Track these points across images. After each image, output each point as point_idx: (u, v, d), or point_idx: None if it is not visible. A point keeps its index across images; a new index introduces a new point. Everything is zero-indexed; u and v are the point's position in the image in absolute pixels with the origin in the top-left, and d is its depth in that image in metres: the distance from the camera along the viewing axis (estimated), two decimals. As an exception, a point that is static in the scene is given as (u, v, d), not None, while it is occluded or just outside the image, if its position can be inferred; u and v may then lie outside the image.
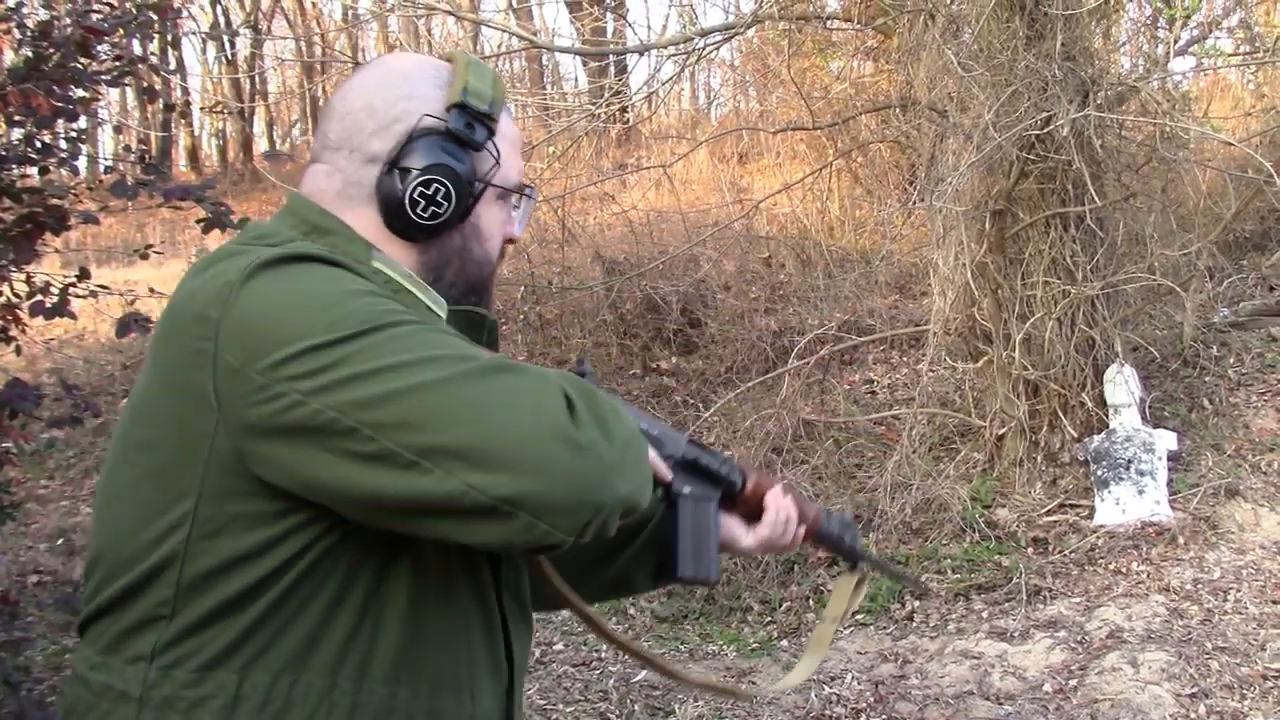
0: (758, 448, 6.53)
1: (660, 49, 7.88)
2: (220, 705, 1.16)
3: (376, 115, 1.32)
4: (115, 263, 10.49)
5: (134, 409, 1.25)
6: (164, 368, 1.20)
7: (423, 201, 1.30)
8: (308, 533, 1.17)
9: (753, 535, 1.65)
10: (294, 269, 1.17)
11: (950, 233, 5.97)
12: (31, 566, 6.23)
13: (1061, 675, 4.34)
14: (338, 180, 1.33)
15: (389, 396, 1.09)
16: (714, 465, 1.60)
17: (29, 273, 3.47)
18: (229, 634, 1.16)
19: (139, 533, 1.19)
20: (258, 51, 15.84)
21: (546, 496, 1.09)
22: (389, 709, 1.22)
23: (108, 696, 1.18)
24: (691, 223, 9.44)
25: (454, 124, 1.32)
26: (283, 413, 1.11)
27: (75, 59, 3.27)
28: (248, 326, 1.13)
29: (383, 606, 1.21)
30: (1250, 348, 6.69)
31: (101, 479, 1.29)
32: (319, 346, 1.10)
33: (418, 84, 1.34)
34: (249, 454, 1.14)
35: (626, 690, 4.58)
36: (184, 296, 1.21)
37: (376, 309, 1.15)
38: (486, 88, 1.35)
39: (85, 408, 3.62)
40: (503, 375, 1.13)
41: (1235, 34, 7.68)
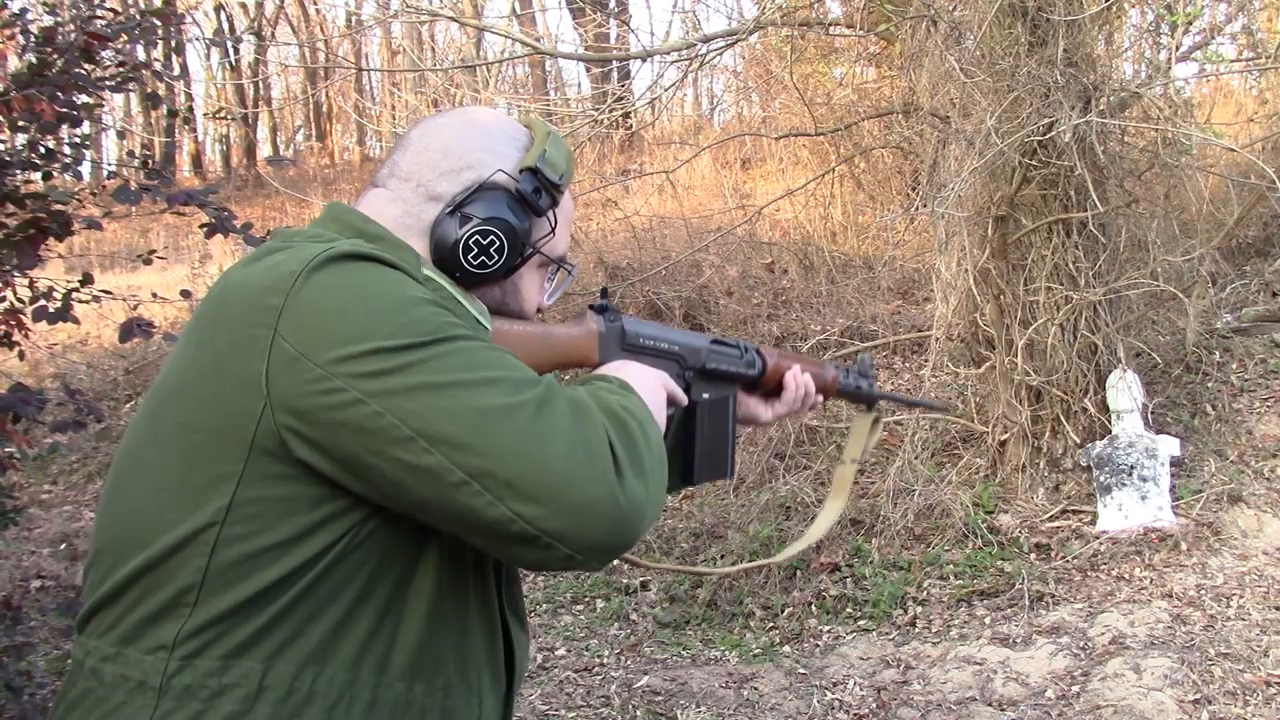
0: (760, 453, 6.54)
1: (663, 55, 7.88)
2: (243, 695, 1.16)
3: (451, 158, 1.37)
4: (118, 268, 10.53)
5: (168, 391, 1.25)
6: (211, 351, 1.20)
7: (475, 249, 1.35)
8: (344, 520, 1.19)
9: (771, 411, 1.86)
10: (360, 267, 1.20)
11: (953, 238, 5.97)
12: (34, 571, 6.23)
13: (1064, 681, 4.33)
14: (398, 208, 1.37)
15: (450, 413, 1.13)
16: (732, 368, 1.73)
17: (32, 278, 3.48)
18: (256, 623, 1.17)
19: (163, 514, 1.19)
20: (261, 57, 15.89)
21: (587, 535, 1.15)
22: (406, 704, 1.24)
23: (123, 687, 1.18)
24: (694, 228, 9.45)
25: (524, 185, 1.38)
26: (341, 408, 1.13)
27: (79, 65, 3.27)
28: (312, 317, 1.15)
29: (406, 602, 1.23)
30: (1253, 353, 6.68)
31: (118, 464, 1.28)
32: (386, 350, 1.13)
33: (498, 140, 1.40)
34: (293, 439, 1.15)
35: (628, 695, 4.58)
36: (236, 285, 1.22)
37: (440, 320, 1.18)
38: (561, 161, 1.42)
39: (88, 412, 3.62)
40: (558, 409, 1.17)
41: (1238, 40, 7.68)
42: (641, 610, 5.61)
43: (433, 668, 1.25)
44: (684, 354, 1.65)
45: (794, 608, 5.39)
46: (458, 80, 8.50)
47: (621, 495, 1.16)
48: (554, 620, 5.62)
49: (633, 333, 1.59)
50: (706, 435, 1.71)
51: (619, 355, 1.56)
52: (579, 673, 4.93)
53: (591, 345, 1.54)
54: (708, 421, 1.71)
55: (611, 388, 1.35)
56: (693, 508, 6.47)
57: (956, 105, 5.87)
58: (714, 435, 1.72)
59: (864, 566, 5.54)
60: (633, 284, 8.37)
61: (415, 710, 1.24)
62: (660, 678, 4.73)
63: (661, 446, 1.29)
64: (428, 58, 10.23)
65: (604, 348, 1.55)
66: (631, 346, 1.58)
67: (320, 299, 1.16)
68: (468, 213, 1.35)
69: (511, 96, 10.59)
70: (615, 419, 1.23)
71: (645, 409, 1.31)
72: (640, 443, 1.23)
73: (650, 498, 1.21)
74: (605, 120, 8.07)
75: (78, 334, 9.63)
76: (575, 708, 4.54)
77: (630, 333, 1.58)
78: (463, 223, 1.34)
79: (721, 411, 1.73)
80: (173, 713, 1.15)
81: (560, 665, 5.03)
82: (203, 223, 3.51)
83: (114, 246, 11.48)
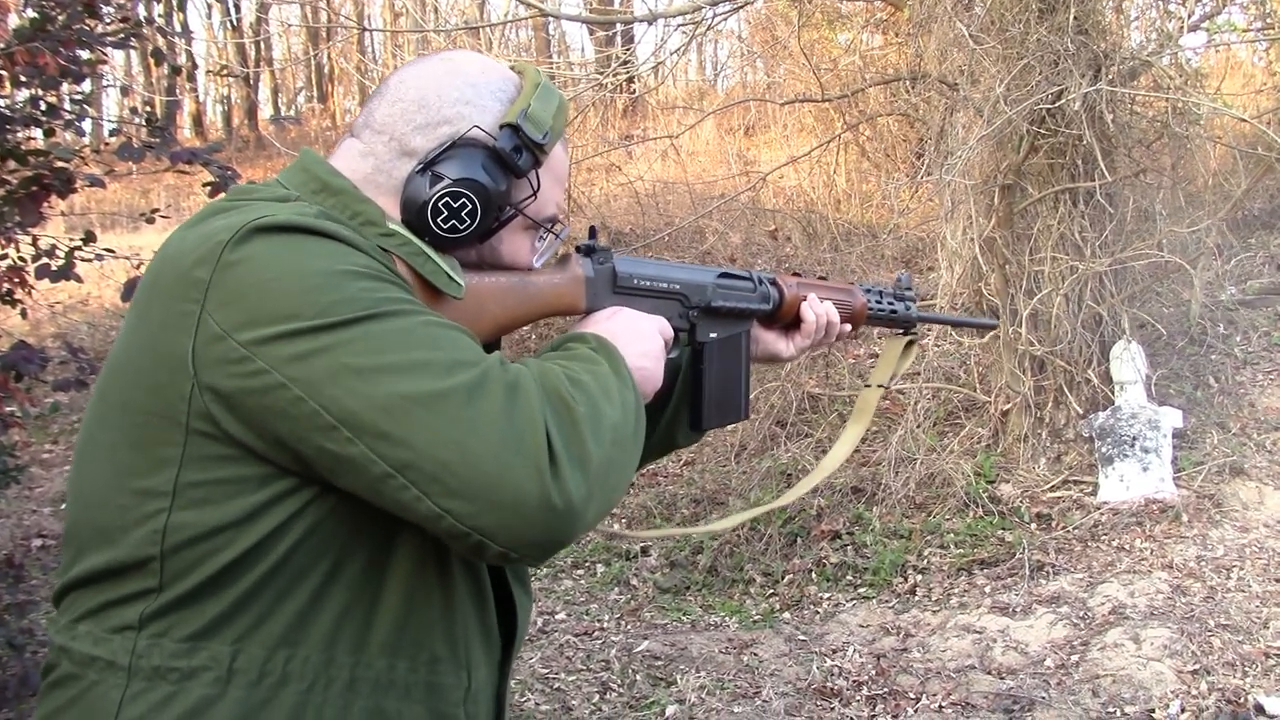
0: (762, 420, 6.54)
1: (668, 18, 7.81)
2: (214, 678, 1.13)
3: (427, 111, 1.28)
4: (120, 228, 10.49)
5: (113, 367, 1.20)
6: (146, 326, 1.15)
7: (445, 212, 1.25)
8: (295, 499, 1.14)
9: (793, 345, 1.72)
10: (290, 239, 1.12)
11: (959, 207, 5.94)
12: (35, 530, 6.24)
13: (1063, 650, 4.34)
14: (369, 163, 1.29)
15: (373, 400, 1.06)
16: (743, 303, 1.60)
17: (34, 235, 3.46)
18: (221, 605, 1.13)
19: (116, 499, 1.15)
20: (263, 16, 15.77)
21: (518, 534, 1.08)
22: (388, 682, 1.20)
23: (94, 667, 1.15)
24: (698, 194, 9.42)
25: (501, 144, 1.28)
26: (264, 391, 1.08)
27: (81, 20, 3.24)
28: (236, 293, 1.09)
29: (382, 578, 1.19)
30: (1258, 326, 6.67)
31: (79, 440, 1.24)
32: (310, 330, 1.07)
33: (480, 92, 1.30)
34: (224, 419, 1.10)
35: (628, 660, 4.59)
36: (173, 253, 1.16)
37: (374, 295, 1.11)
38: (548, 116, 1.31)
39: (90, 371, 3.61)
40: (490, 396, 1.09)
41: (1248, 9, 7.61)
42: (642, 575, 5.62)
43: (415, 644, 1.21)
44: (687, 292, 1.53)
45: (794, 574, 5.40)
46: (461, 42, 8.42)
47: (555, 492, 1.08)
48: (554, 585, 5.63)
49: (626, 274, 1.47)
50: (716, 378, 1.59)
51: (611, 300, 1.46)
52: (579, 637, 4.95)
53: (577, 292, 1.43)
54: (717, 363, 1.59)
55: (580, 353, 1.27)
56: (694, 474, 6.48)
57: (965, 72, 5.82)
58: (724, 377, 1.60)
59: (865, 534, 5.55)
60: (635, 249, 8.35)
61: (398, 687, 1.21)
62: (660, 643, 4.75)
63: (626, 421, 1.20)
64: (430, 19, 10.12)
65: (592, 293, 1.44)
66: (625, 289, 1.47)
67: (245, 273, 1.09)
68: (439, 172, 1.25)
69: (515, 59, 10.52)
70: (558, 403, 1.13)
71: (611, 378, 1.22)
72: (585, 429, 1.13)
73: (595, 490, 1.12)
74: (609, 84, 8.01)
75: (79, 293, 9.59)
76: (575, 671, 4.56)
77: (623, 274, 1.47)
78: (433, 182, 1.24)
79: (733, 351, 1.61)
80: (143, 693, 1.13)
81: (560, 629, 5.04)
82: (206, 181, 3.48)
83: (115, 206, 11.44)
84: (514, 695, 4.23)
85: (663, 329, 1.45)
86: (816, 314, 1.71)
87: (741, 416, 1.65)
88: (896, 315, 1.86)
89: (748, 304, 1.62)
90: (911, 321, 1.90)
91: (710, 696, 4.24)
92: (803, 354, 1.74)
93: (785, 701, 4.15)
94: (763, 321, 1.68)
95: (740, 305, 1.61)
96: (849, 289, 1.81)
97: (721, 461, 6.50)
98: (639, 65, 8.40)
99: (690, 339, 1.58)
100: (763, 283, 1.65)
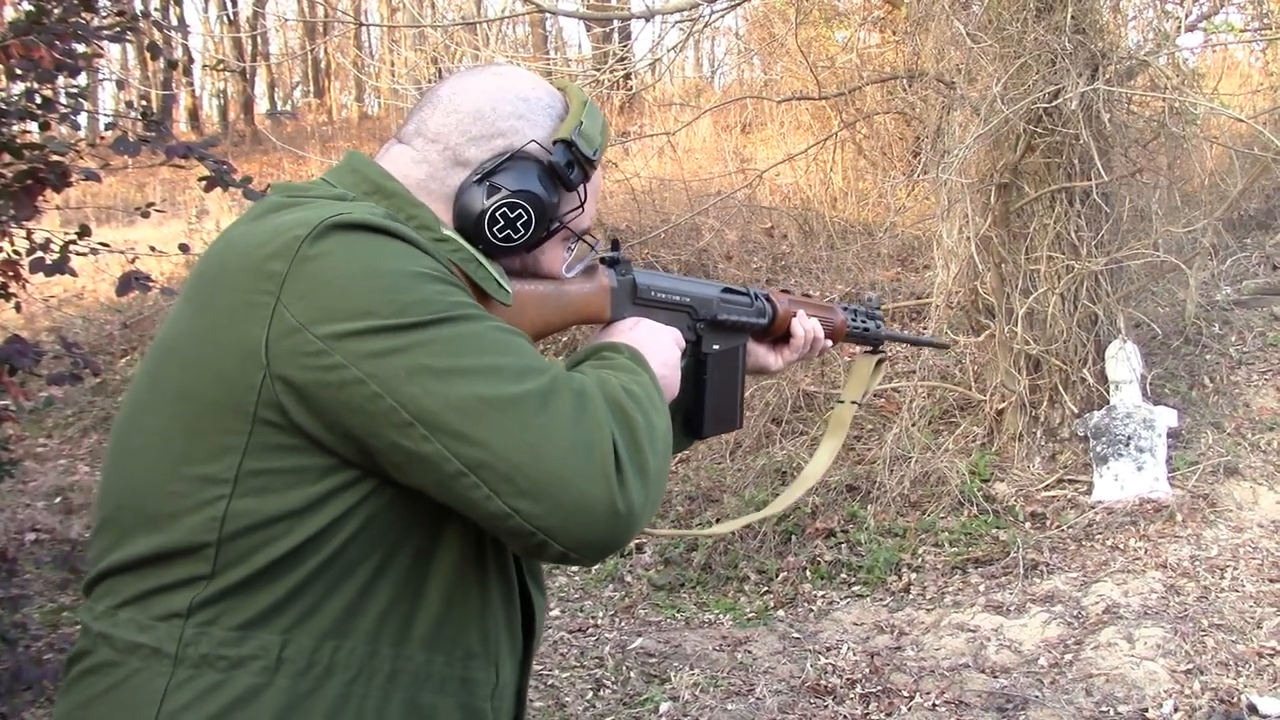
0: (757, 418, 6.53)
1: (666, 15, 7.80)
2: (262, 666, 1.14)
3: (482, 122, 1.32)
4: (115, 221, 10.47)
5: (167, 352, 1.21)
6: (210, 315, 1.17)
7: (501, 221, 1.30)
8: (354, 491, 1.16)
9: (781, 358, 1.83)
10: (366, 237, 1.15)
11: (955, 206, 5.94)
12: (29, 524, 6.23)
13: (1057, 649, 4.35)
14: (423, 170, 1.32)
15: (451, 401, 1.10)
16: (743, 317, 1.70)
17: (29, 229, 3.45)
18: (273, 595, 1.15)
19: (169, 484, 1.16)
20: (260, 11, 15.75)
21: (582, 535, 1.13)
22: (425, 676, 1.22)
23: (138, 654, 1.15)
24: (694, 192, 9.41)
25: (557, 158, 1.33)
26: (340, 386, 1.10)
27: (77, 13, 3.23)
28: (316, 288, 1.11)
29: (426, 574, 1.22)
30: (1252, 326, 6.68)
31: (120, 426, 1.25)
32: (389, 329, 1.10)
33: (532, 107, 1.35)
34: (295, 410, 1.12)
35: (622, 657, 4.59)
36: (240, 246, 1.18)
37: (447, 299, 1.15)
38: (597, 134, 1.37)
39: (84, 366, 3.60)
40: (562, 403, 1.14)
41: (1245, 9, 7.62)
42: (636, 572, 5.62)
43: (452, 639, 1.24)
44: (695, 305, 1.62)
45: (788, 572, 5.40)
46: (458, 37, 8.40)
47: (620, 498, 1.13)
48: (549, 581, 5.63)
49: (645, 286, 1.55)
50: (716, 388, 1.69)
51: (631, 310, 1.53)
52: (573, 633, 4.95)
53: (604, 301, 1.50)
54: (718, 374, 1.69)
55: (620, 362, 1.32)
56: (688, 471, 6.47)
57: (962, 71, 5.83)
58: (723, 388, 1.70)
59: (859, 532, 5.55)
60: (631, 246, 8.34)
61: (435, 681, 1.23)
62: (654, 640, 4.75)
63: (668, 430, 1.26)
64: (427, 14, 10.12)
65: (616, 303, 1.51)
66: (644, 300, 1.55)
67: (324, 268, 1.12)
68: (496, 183, 1.30)
69: (512, 56, 10.50)
70: (620, 413, 1.18)
71: (653, 388, 1.28)
72: (644, 438, 1.19)
73: (649, 498, 1.18)
74: (606, 81, 8.00)
75: (74, 287, 9.59)
76: (569, 668, 4.56)
77: (642, 286, 1.55)
78: (490, 193, 1.29)
79: (731, 363, 1.70)
80: (189, 681, 1.13)
81: (555, 626, 5.04)
82: (202, 175, 3.48)
83: (110, 200, 11.40)
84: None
85: (678, 339, 1.52)
86: (805, 329, 1.81)
87: (736, 426, 1.74)
88: (869, 333, 2.00)
89: (746, 318, 1.71)
90: (881, 339, 2.03)
91: (704, 694, 4.24)
92: (789, 366, 1.85)
93: (779, 699, 4.15)
94: (756, 335, 1.77)
95: (740, 319, 1.70)
96: (830, 307, 1.92)
97: (716, 459, 6.50)
98: (636, 62, 8.40)
99: (695, 350, 1.65)
100: (759, 298, 1.75)
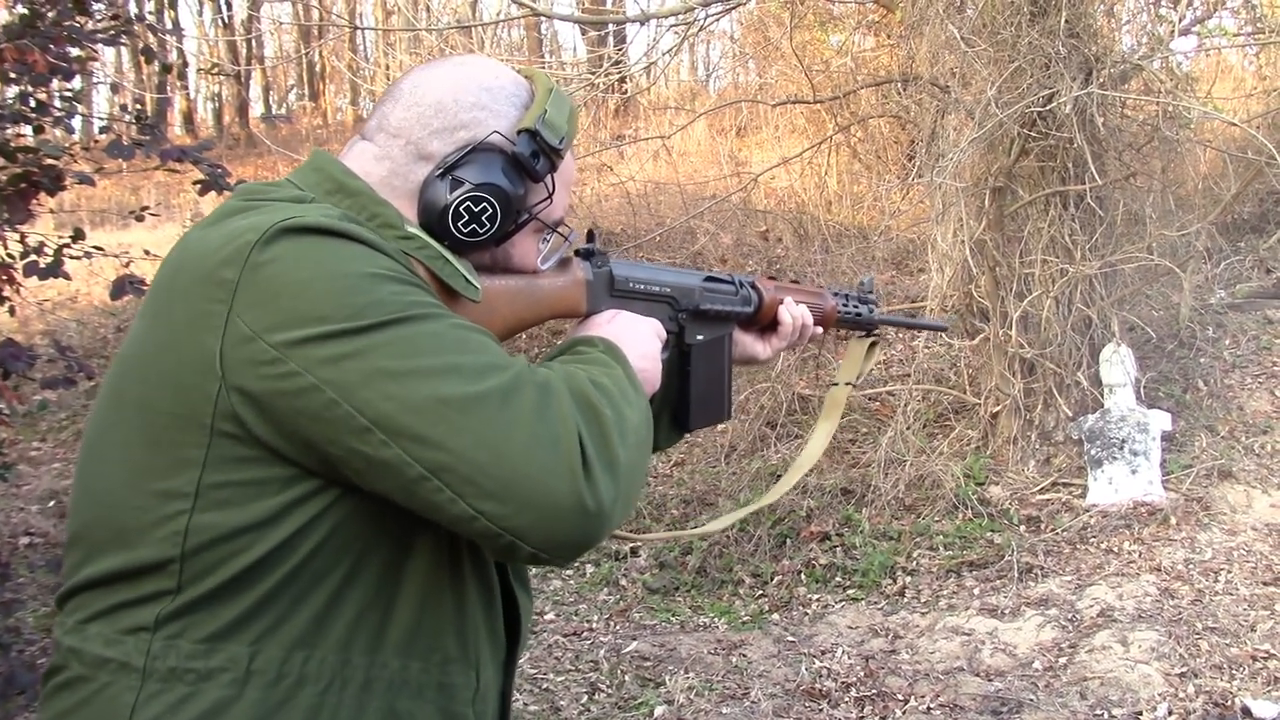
0: (752, 421, 6.54)
1: (660, 19, 7.81)
2: (231, 679, 1.12)
3: (445, 115, 1.28)
4: (109, 225, 10.46)
5: (128, 363, 1.19)
6: (166, 325, 1.15)
7: (466, 216, 1.27)
8: (318, 500, 1.14)
9: (770, 347, 1.77)
10: (318, 240, 1.12)
11: (949, 209, 5.94)
12: (23, 528, 6.22)
13: (1051, 653, 4.35)
14: (385, 167, 1.29)
15: (409, 403, 1.07)
16: (728, 306, 1.65)
17: (23, 233, 3.45)
18: (240, 607, 1.13)
19: (133, 500, 1.14)
20: (254, 14, 15.74)
21: (551, 535, 1.10)
22: (401, 682, 1.20)
23: (106, 668, 1.14)
24: (689, 195, 9.41)
25: (521, 149, 1.29)
26: (296, 394, 1.08)
27: (71, 17, 3.23)
28: (268, 294, 1.09)
29: (398, 580, 1.20)
30: (1246, 330, 6.69)
31: (88, 439, 1.23)
32: (343, 333, 1.07)
33: (495, 97, 1.31)
34: (252, 421, 1.10)
35: (617, 660, 4.59)
36: (194, 252, 1.15)
37: (404, 299, 1.11)
38: (563, 122, 1.32)
39: (78, 369, 3.60)
40: (524, 399, 1.11)
41: (1239, 14, 7.64)
42: (631, 576, 5.62)
43: (427, 645, 1.22)
44: (676, 295, 1.57)
45: (783, 576, 5.40)
46: (453, 41, 8.42)
47: (588, 494, 1.10)
48: (543, 585, 5.63)
49: (622, 277, 1.51)
50: (701, 380, 1.64)
51: (608, 302, 1.49)
52: (568, 637, 4.95)
53: (579, 294, 1.46)
54: (703, 365, 1.64)
55: (593, 356, 1.29)
56: (684, 474, 6.47)
57: (956, 75, 5.83)
58: (709, 379, 1.65)
59: (854, 536, 5.55)
60: (626, 250, 8.34)
61: (411, 687, 1.21)
62: (649, 643, 4.75)
63: (642, 424, 1.23)
64: (422, 17, 10.14)
65: (592, 296, 1.47)
66: (621, 292, 1.51)
67: (277, 275, 1.09)
68: (459, 176, 1.26)
69: (507, 59, 10.52)
70: (587, 407, 1.15)
71: (626, 381, 1.24)
72: (613, 432, 1.16)
73: (621, 493, 1.15)
74: (601, 84, 8.00)
75: (68, 291, 9.56)
76: (564, 672, 4.56)
77: (619, 278, 1.51)
78: (453, 187, 1.26)
79: (717, 353, 1.66)
80: (158, 695, 1.12)
81: (549, 629, 5.04)
82: (196, 179, 3.48)
83: (105, 204, 11.39)
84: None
85: (658, 331, 1.48)
86: (793, 316, 1.76)
87: (725, 417, 1.70)
88: (861, 318, 1.94)
89: (731, 307, 1.66)
90: (874, 324, 1.97)
91: (699, 697, 4.24)
92: (778, 355, 1.80)
93: (774, 703, 4.15)
94: (742, 324, 1.72)
95: (725, 308, 1.65)
96: (820, 292, 1.86)
97: (711, 462, 6.50)
98: (631, 65, 8.40)
99: (678, 341, 1.61)
100: (744, 286, 1.70)
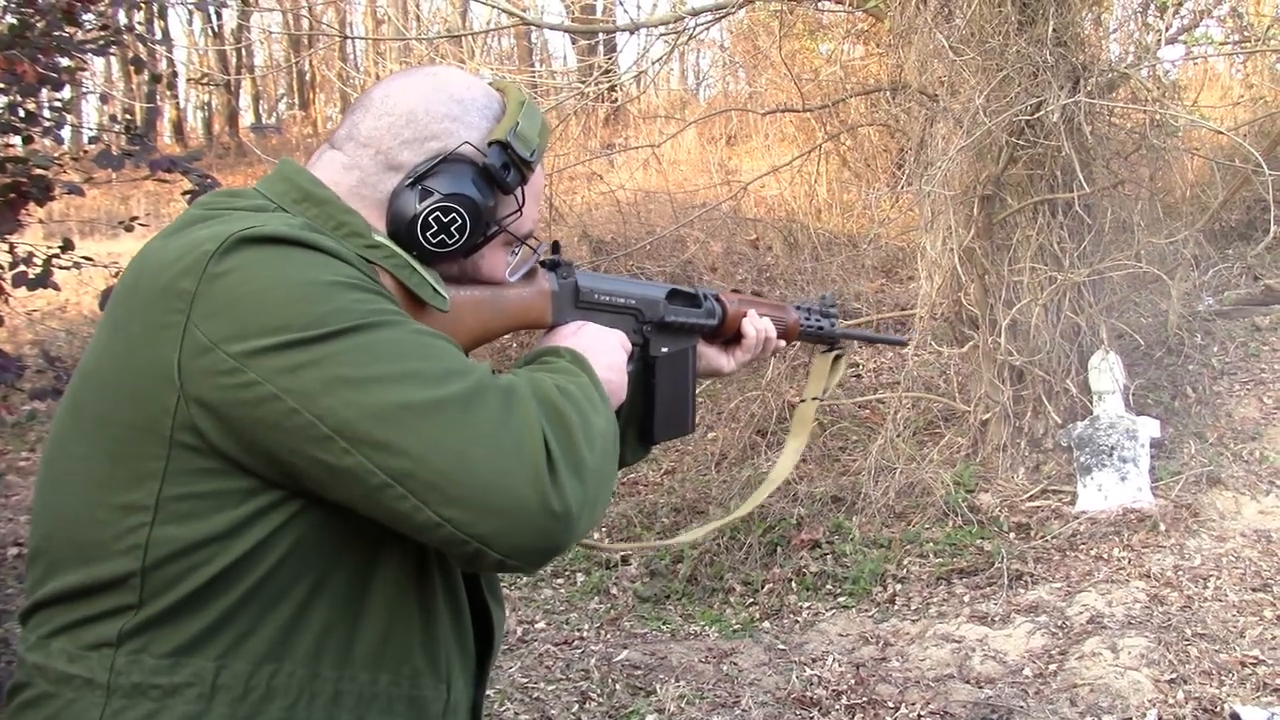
0: (742, 429, 6.55)
1: (650, 28, 7.83)
2: (197, 694, 1.11)
3: (415, 125, 1.28)
4: (99, 235, 10.44)
5: (87, 377, 1.18)
6: (125, 336, 1.13)
7: (435, 226, 1.26)
8: (280, 512, 1.12)
9: (733, 360, 1.79)
10: (277, 250, 1.11)
11: (938, 217, 5.97)
12: (11, 539, 6.18)
13: (1041, 660, 4.36)
14: (354, 176, 1.28)
15: (369, 410, 1.06)
16: (690, 319, 1.67)
17: (12, 243, 3.44)
18: (204, 620, 1.11)
19: (93, 513, 1.13)
20: (244, 24, 15.73)
21: (517, 541, 1.09)
22: (371, 696, 1.19)
23: (70, 685, 1.12)
24: (679, 203, 9.43)
25: (492, 160, 1.29)
26: (256, 403, 1.06)
27: (61, 27, 3.23)
28: (225, 304, 1.07)
29: (365, 592, 1.18)
30: (1234, 337, 6.72)
31: (48, 452, 1.21)
32: (301, 341, 1.06)
33: (467, 108, 1.30)
34: (211, 432, 1.09)
35: (608, 669, 4.58)
36: (153, 262, 1.14)
37: (364, 306, 1.10)
38: (534, 134, 1.32)
39: (67, 380, 3.59)
40: (487, 404, 1.10)
41: (1225, 22, 7.68)
42: (621, 585, 5.62)
43: (397, 657, 1.21)
44: (641, 307, 1.58)
45: (774, 584, 5.40)
46: (443, 50, 8.43)
47: (554, 499, 1.09)
48: (534, 594, 5.62)
49: (587, 289, 1.51)
50: (666, 392, 1.65)
51: (574, 314, 1.49)
52: (558, 646, 4.94)
53: (545, 305, 1.46)
54: (667, 377, 1.65)
55: (560, 365, 1.28)
56: (674, 483, 6.48)
57: (945, 83, 5.86)
58: (673, 391, 1.66)
59: (844, 543, 5.56)
60: (616, 258, 8.36)
61: (381, 701, 1.20)
62: (640, 652, 4.74)
63: (608, 431, 1.22)
64: (412, 27, 10.16)
65: (558, 307, 1.47)
66: (587, 304, 1.51)
67: (234, 285, 1.08)
68: (429, 186, 1.25)
69: (497, 68, 10.55)
70: (553, 411, 1.15)
71: (592, 389, 1.24)
72: (579, 436, 1.15)
73: (589, 498, 1.14)
74: (591, 93, 8.02)
75: (57, 301, 9.54)
76: (554, 680, 4.55)
77: (585, 289, 1.51)
78: (423, 197, 1.24)
79: (681, 366, 1.67)
80: (123, 711, 1.10)
81: (540, 638, 5.03)
82: (185, 189, 3.47)
83: (94, 214, 11.38)
84: (493, 705, 4.21)
85: (624, 342, 1.48)
86: (756, 329, 1.77)
87: (688, 430, 1.71)
88: (823, 331, 1.97)
89: (695, 319, 1.67)
90: (835, 337, 2.00)
91: (690, 706, 4.23)
92: (741, 367, 1.81)
93: (764, 711, 4.15)
94: (706, 336, 1.73)
95: (689, 320, 1.66)
96: (783, 306, 1.89)
97: (702, 470, 6.51)
98: (621, 74, 8.42)
99: (643, 353, 1.62)
100: (708, 299, 1.71)
